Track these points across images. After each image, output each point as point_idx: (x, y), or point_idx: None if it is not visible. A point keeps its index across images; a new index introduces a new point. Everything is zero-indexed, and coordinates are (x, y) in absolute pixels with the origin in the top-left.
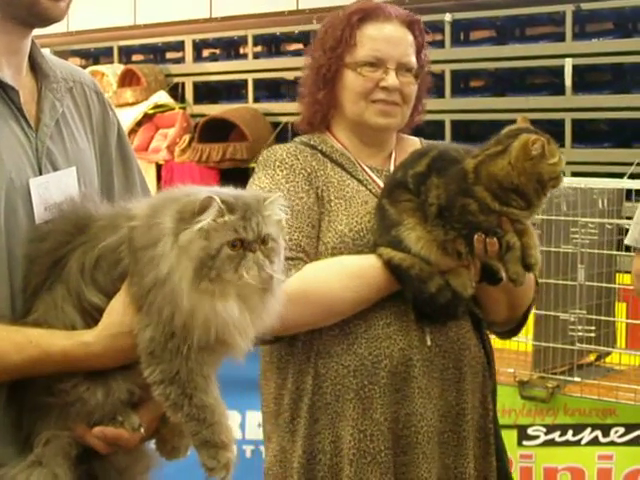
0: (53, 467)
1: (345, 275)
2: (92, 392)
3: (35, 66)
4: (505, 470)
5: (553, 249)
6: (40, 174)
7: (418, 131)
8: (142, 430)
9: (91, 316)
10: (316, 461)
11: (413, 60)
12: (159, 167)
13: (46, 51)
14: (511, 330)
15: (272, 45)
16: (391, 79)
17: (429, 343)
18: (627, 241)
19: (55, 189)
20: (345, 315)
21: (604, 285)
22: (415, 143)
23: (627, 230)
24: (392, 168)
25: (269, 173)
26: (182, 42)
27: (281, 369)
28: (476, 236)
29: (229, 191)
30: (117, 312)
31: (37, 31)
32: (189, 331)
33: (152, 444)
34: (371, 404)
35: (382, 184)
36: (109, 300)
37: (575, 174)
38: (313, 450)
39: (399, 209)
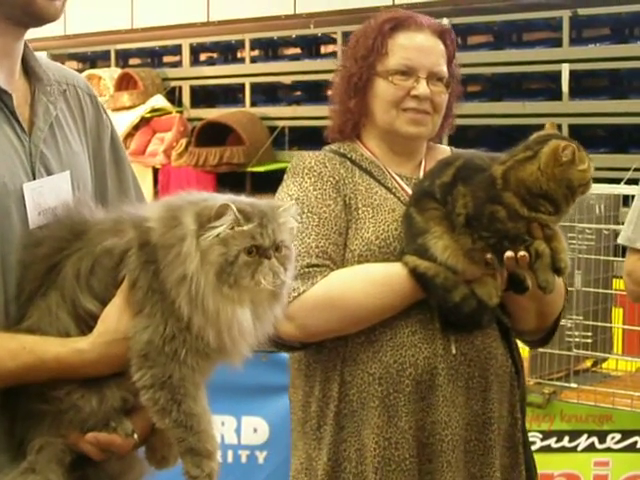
0: (47, 474)
1: (370, 282)
2: (86, 399)
3: (28, 69)
4: None
5: None
6: (34, 178)
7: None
8: (135, 436)
9: (85, 323)
10: (341, 469)
11: (444, 69)
12: (156, 171)
13: (41, 54)
14: (541, 339)
15: (269, 49)
16: (422, 88)
17: (454, 352)
18: (620, 240)
19: (49, 193)
20: (370, 323)
21: (601, 291)
22: (446, 151)
23: None
24: (422, 176)
25: (297, 181)
26: (179, 46)
27: (309, 377)
28: (507, 254)
29: (244, 199)
30: (112, 319)
31: (34, 34)
32: (203, 334)
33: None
34: (396, 412)
35: (411, 192)
36: (104, 307)
37: None
38: (338, 458)
39: (426, 217)
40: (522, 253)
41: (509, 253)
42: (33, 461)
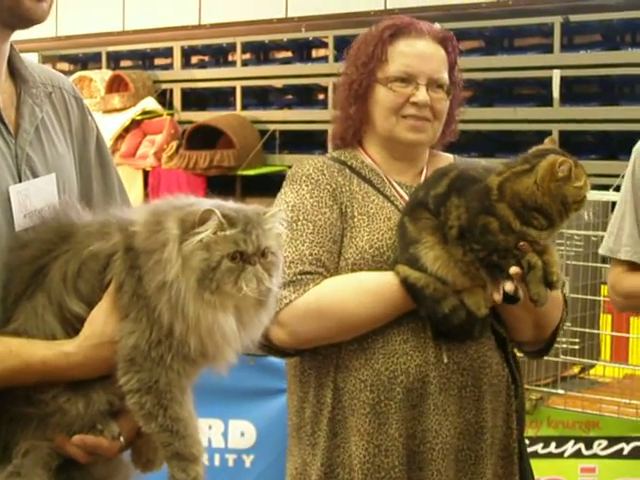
0: (32, 478)
1: (361, 291)
2: (72, 403)
3: (14, 71)
4: None
5: None
6: (20, 181)
7: None
8: (122, 439)
9: (72, 326)
10: (334, 475)
11: (445, 76)
12: (146, 173)
13: (32, 56)
14: (540, 350)
15: (261, 53)
16: (421, 95)
17: (446, 360)
18: (601, 250)
19: (35, 196)
20: (361, 331)
21: (589, 297)
22: (449, 159)
23: None
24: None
25: (294, 188)
26: (171, 48)
27: (303, 382)
28: (512, 269)
29: (230, 204)
30: (99, 321)
31: (25, 35)
32: (185, 340)
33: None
34: (387, 419)
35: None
36: (91, 309)
37: None
38: (332, 464)
39: (418, 227)
40: (515, 269)
41: (515, 269)
42: (19, 465)
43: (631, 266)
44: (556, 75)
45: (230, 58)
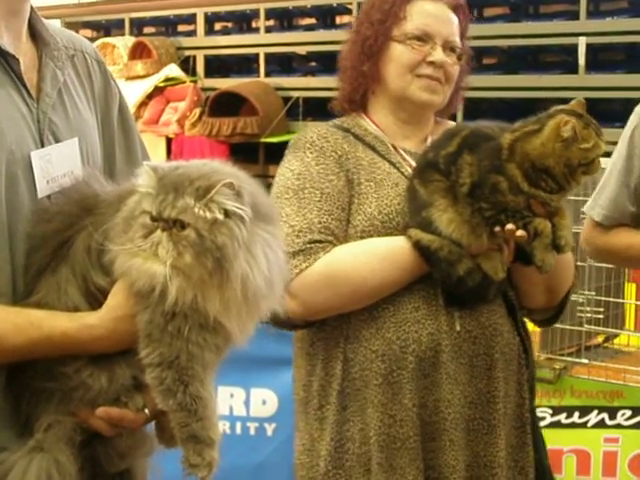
0: (55, 453)
1: (373, 257)
2: (96, 377)
3: (35, 33)
4: (543, 463)
5: None
6: (42, 146)
7: None
8: (146, 411)
9: (95, 298)
10: (344, 450)
11: (458, 40)
12: (169, 140)
13: (53, 22)
14: (550, 318)
15: (284, 19)
16: (438, 55)
17: (458, 328)
18: (586, 209)
19: (57, 161)
20: (374, 298)
21: (613, 266)
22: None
23: None
24: None
25: (299, 155)
26: (194, 15)
27: (311, 355)
28: (508, 226)
29: (187, 166)
30: (121, 294)
31: (48, 2)
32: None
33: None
34: (400, 389)
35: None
36: (114, 282)
37: None
38: (342, 438)
39: (430, 190)
40: (520, 232)
41: (509, 226)
42: (41, 439)
43: (601, 226)
44: (582, 42)
45: (253, 25)
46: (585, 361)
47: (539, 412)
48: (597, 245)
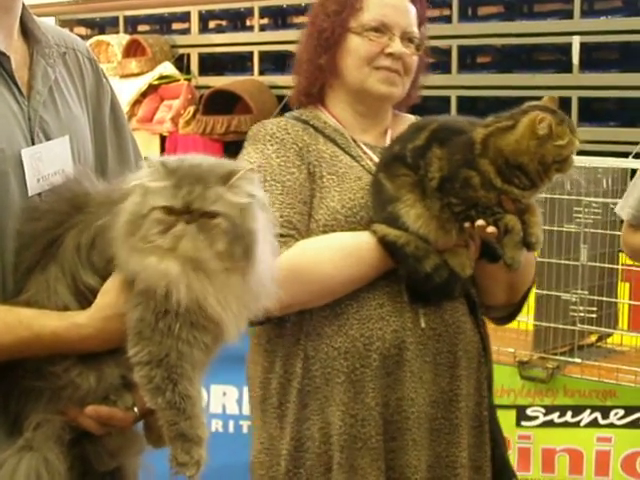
0: (44, 452)
1: (337, 252)
2: (84, 377)
3: (27, 31)
4: (502, 459)
5: (556, 228)
6: (32, 144)
7: (424, 107)
8: (135, 410)
9: (85, 297)
10: (304, 448)
11: (416, 30)
12: (163, 138)
13: (48, 20)
14: (509, 315)
15: (279, 17)
16: (397, 46)
17: (423, 325)
18: (618, 209)
19: (48, 159)
20: (338, 294)
21: (607, 265)
22: (411, 121)
23: None
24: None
25: (259, 148)
26: (188, 13)
27: (269, 352)
28: (478, 222)
29: (191, 158)
30: (111, 294)
31: (43, 0)
32: (153, 289)
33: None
34: (362, 387)
35: (377, 160)
36: (104, 282)
37: (580, 152)
38: (302, 437)
39: (397, 184)
40: (491, 229)
41: (480, 222)
42: (30, 438)
43: (632, 226)
44: (576, 41)
45: (248, 23)
46: (578, 360)
47: (532, 411)
48: (631, 245)
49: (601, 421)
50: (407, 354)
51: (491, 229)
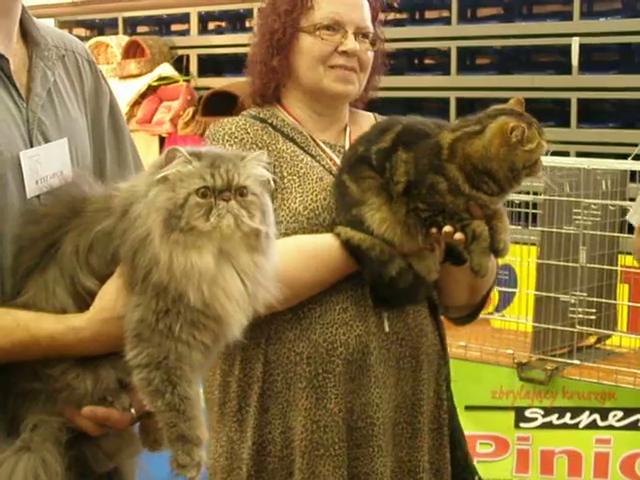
0: (42, 453)
1: (300, 255)
2: (81, 380)
3: (26, 33)
4: (463, 461)
5: (555, 230)
6: (31, 146)
7: (423, 108)
8: (132, 411)
9: (83, 300)
10: (266, 452)
11: (370, 25)
12: (162, 139)
13: (47, 21)
14: (468, 316)
15: None
16: (351, 43)
17: (387, 329)
18: (628, 217)
19: (46, 161)
20: (300, 298)
21: (606, 267)
22: (369, 118)
23: None
24: (347, 143)
25: (218, 148)
26: (187, 14)
27: (227, 355)
28: (446, 229)
29: (208, 148)
30: (109, 297)
31: (42, 1)
32: (179, 290)
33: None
34: (325, 393)
35: (337, 160)
36: (102, 285)
37: (579, 154)
38: (263, 441)
39: (362, 187)
40: (459, 235)
41: (447, 228)
42: (27, 439)
43: None
44: (575, 43)
45: (247, 24)
46: (577, 362)
47: (531, 413)
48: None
49: (600, 423)
50: (371, 359)
51: (459, 236)
